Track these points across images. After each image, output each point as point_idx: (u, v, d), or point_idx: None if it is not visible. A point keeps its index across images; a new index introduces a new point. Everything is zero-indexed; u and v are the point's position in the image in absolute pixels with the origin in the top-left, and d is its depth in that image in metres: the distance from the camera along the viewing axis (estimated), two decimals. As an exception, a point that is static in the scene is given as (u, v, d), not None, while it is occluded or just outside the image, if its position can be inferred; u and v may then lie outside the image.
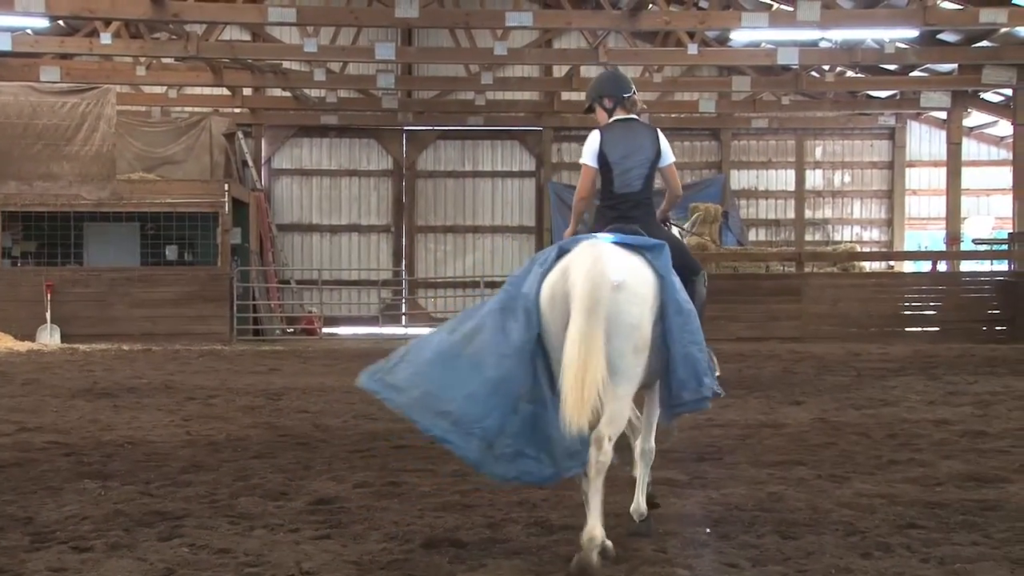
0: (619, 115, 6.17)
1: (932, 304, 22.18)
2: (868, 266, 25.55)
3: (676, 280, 5.43)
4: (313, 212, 28.03)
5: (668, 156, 6.15)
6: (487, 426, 4.98)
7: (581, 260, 5.06)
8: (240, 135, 26.40)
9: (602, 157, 5.99)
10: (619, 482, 6.15)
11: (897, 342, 20.18)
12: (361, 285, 27.40)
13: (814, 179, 28.50)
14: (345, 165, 28.16)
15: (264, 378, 14.43)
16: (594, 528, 4.90)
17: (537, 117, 27.70)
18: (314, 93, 26.01)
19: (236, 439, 9.02)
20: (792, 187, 28.36)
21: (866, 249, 27.49)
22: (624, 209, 5.95)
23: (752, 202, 28.66)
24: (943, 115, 26.48)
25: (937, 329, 21.46)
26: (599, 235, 5.58)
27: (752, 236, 28.36)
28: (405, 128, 28.00)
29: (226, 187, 22.08)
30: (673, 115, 27.17)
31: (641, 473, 5.76)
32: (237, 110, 26.88)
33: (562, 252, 5.28)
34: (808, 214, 28.22)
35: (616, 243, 5.39)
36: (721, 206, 26.15)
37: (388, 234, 28.18)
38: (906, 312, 22.15)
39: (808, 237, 27.94)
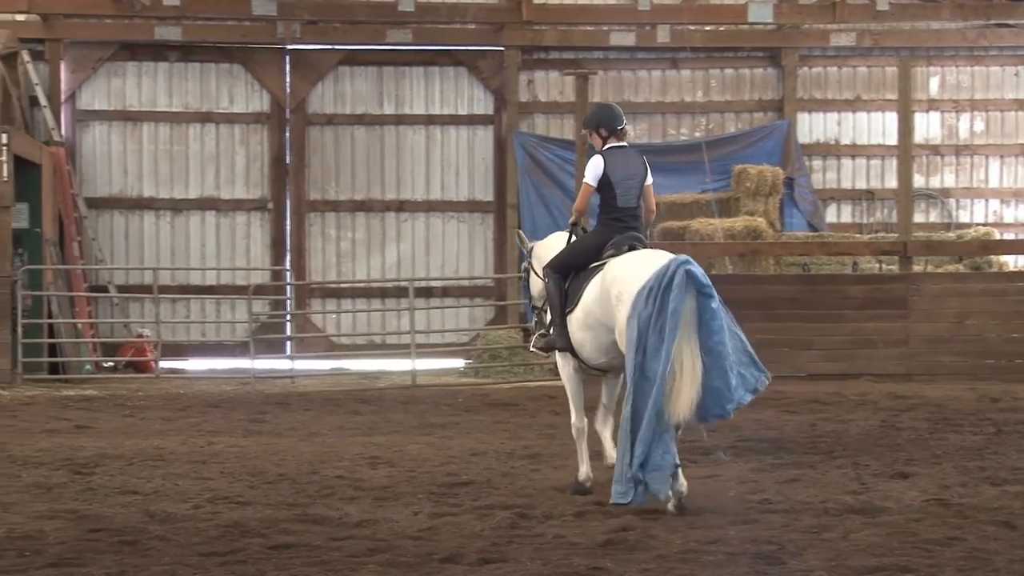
0: (612, 143, 11.23)
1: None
2: (1013, 262, 25.73)
3: None
4: (144, 179, 27.79)
5: (650, 176, 11.34)
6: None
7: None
8: (27, 56, 26.19)
9: (605, 178, 10.98)
10: None
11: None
12: (221, 294, 27.29)
13: (928, 127, 28.71)
14: (194, 105, 27.98)
15: (67, 440, 14.30)
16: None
17: (496, 31, 27.66)
18: (145, -9, 25.88)
19: (35, 537, 8.94)
20: (893, 140, 28.52)
21: (1009, 236, 27.78)
22: (629, 221, 11.05)
23: (831, 163, 28.83)
24: None
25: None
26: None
27: (831, 216, 28.51)
28: (289, 48, 27.94)
29: (3, 139, 21.93)
30: (707, 28, 27.29)
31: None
32: (20, 17, 26.62)
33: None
34: (919, 181, 28.30)
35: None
36: (782, 170, 26.26)
37: (263, 213, 28.06)
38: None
39: (919, 218, 28.04)
